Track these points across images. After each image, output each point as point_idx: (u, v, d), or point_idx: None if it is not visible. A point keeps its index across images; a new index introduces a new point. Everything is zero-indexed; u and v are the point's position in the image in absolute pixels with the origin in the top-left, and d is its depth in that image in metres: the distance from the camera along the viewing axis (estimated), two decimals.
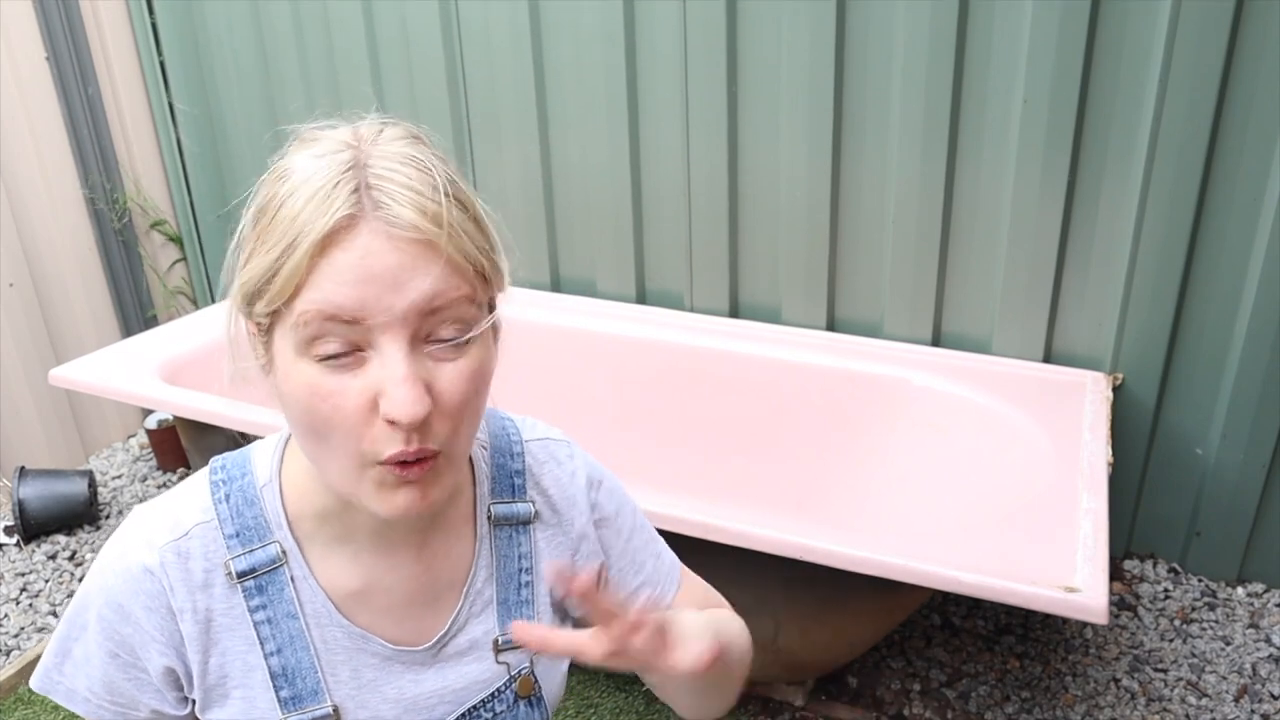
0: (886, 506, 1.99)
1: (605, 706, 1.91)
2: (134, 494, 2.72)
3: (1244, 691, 1.90)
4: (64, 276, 2.79)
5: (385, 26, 2.58)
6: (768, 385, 2.29)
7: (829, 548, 1.52)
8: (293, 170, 0.67)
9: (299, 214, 0.64)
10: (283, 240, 0.65)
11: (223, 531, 0.77)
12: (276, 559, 0.77)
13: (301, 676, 0.78)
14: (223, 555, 0.77)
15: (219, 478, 0.79)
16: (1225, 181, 1.92)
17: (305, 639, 0.78)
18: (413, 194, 0.65)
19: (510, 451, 0.87)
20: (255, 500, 0.78)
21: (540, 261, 2.66)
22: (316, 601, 0.78)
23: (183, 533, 0.77)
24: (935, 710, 1.89)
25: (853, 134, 2.18)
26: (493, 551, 0.85)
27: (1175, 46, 1.85)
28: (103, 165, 2.86)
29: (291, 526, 0.78)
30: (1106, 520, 1.56)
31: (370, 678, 0.81)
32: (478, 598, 0.84)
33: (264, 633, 0.77)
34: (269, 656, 0.78)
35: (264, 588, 0.77)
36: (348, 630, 0.79)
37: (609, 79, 2.35)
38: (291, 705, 0.78)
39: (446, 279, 0.66)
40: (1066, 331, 2.16)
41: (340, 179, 0.65)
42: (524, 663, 0.86)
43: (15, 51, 2.60)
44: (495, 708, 0.86)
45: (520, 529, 0.86)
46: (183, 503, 0.79)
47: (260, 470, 0.79)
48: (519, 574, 0.86)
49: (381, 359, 0.65)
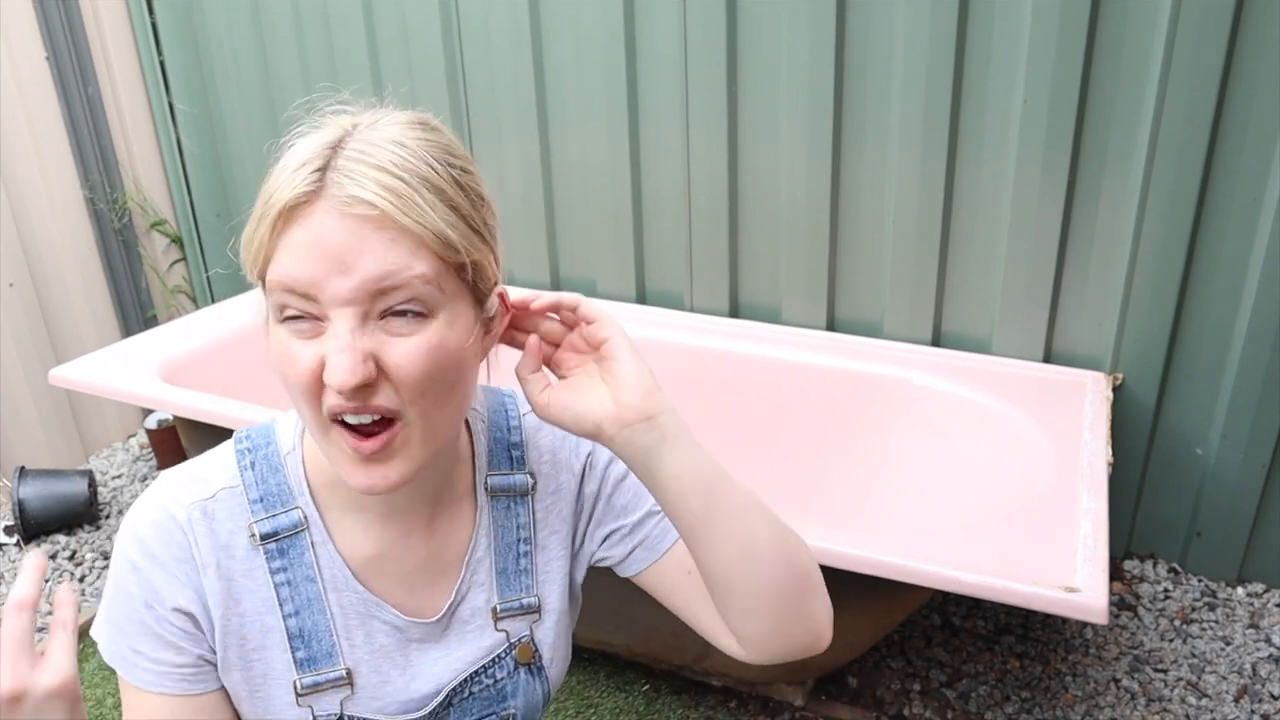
0: (886, 506, 1.99)
1: (605, 706, 1.91)
2: (134, 494, 2.72)
3: (1244, 691, 1.90)
4: (64, 276, 2.79)
5: (385, 26, 2.58)
6: (768, 385, 2.29)
7: (829, 548, 1.52)
8: (289, 147, 0.72)
9: (273, 188, 0.69)
10: (259, 208, 0.70)
11: (248, 496, 0.80)
12: (299, 524, 0.80)
13: (318, 639, 0.81)
14: (246, 519, 0.79)
15: (244, 446, 0.82)
16: (1225, 181, 1.92)
17: (323, 602, 0.81)
18: (377, 172, 0.67)
19: (508, 425, 0.90)
20: (279, 467, 0.81)
21: (540, 261, 2.66)
22: (335, 567, 0.81)
23: (210, 494, 0.79)
24: (935, 710, 1.89)
25: (853, 134, 2.18)
26: (491, 522, 0.87)
27: (1175, 46, 1.85)
28: (103, 165, 2.86)
29: (313, 493, 0.81)
30: (1106, 520, 1.56)
31: (382, 643, 0.83)
32: (478, 567, 0.87)
33: (283, 594, 0.80)
34: (287, 618, 0.80)
35: (285, 551, 0.80)
36: (363, 596, 0.82)
37: (609, 79, 2.35)
38: (307, 666, 0.80)
39: (400, 256, 0.68)
40: (1066, 331, 2.16)
41: (311, 158, 0.69)
42: (523, 631, 0.89)
43: (15, 51, 2.60)
44: (495, 674, 0.88)
45: (518, 500, 0.88)
46: (210, 468, 0.82)
47: (284, 439, 0.82)
48: (518, 543, 0.88)
49: (331, 330, 0.68)
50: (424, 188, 0.68)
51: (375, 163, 0.68)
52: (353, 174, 0.67)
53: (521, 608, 0.88)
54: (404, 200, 0.67)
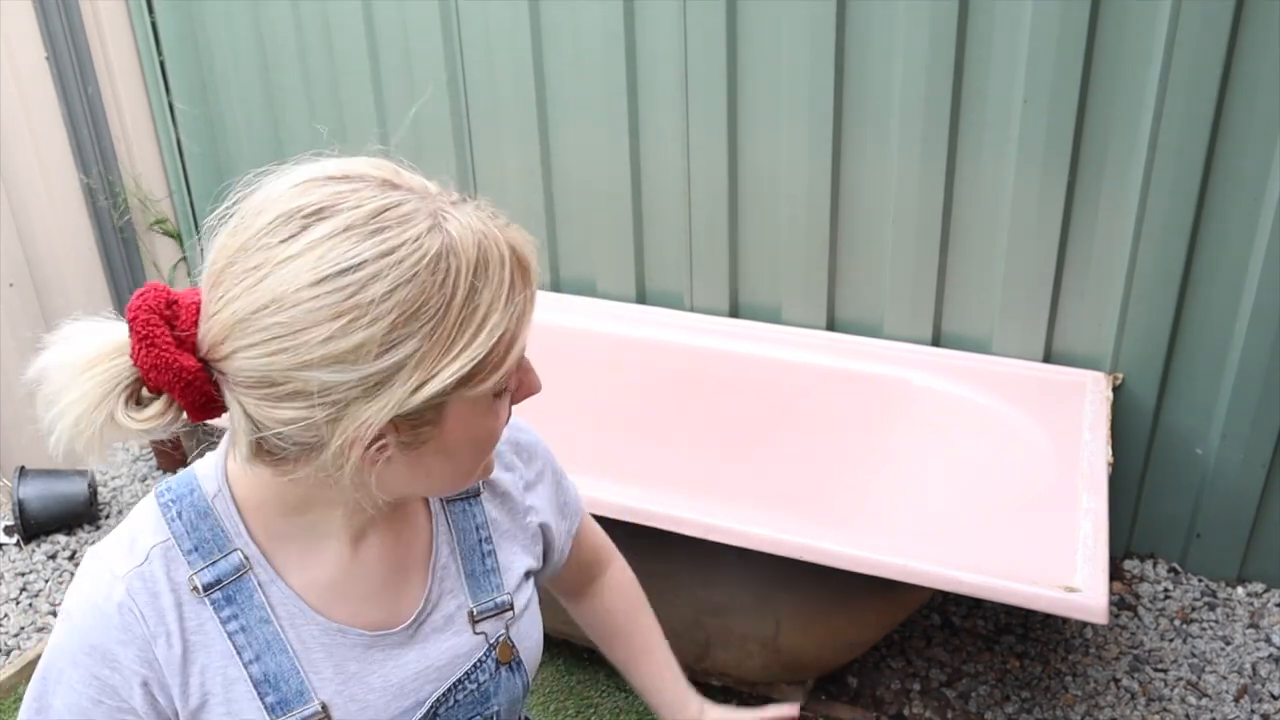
0: (886, 506, 1.99)
1: (605, 706, 1.91)
2: (134, 494, 2.72)
3: (1244, 691, 1.90)
4: (64, 276, 2.79)
5: (385, 26, 2.57)
6: (768, 385, 2.29)
7: (829, 548, 1.52)
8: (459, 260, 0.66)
9: (492, 298, 0.67)
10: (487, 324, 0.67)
11: (181, 548, 0.76)
12: (240, 566, 0.76)
13: (284, 680, 0.77)
14: (185, 571, 0.76)
15: (167, 499, 0.78)
16: (1225, 181, 1.92)
17: (282, 641, 0.78)
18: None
19: None
20: (207, 512, 0.77)
21: (540, 261, 2.65)
22: (288, 603, 0.78)
23: (143, 558, 0.75)
24: (935, 710, 1.89)
25: (853, 134, 2.18)
26: (450, 527, 0.88)
27: (1175, 46, 1.85)
28: (102, 165, 2.85)
29: (251, 533, 0.77)
30: (1106, 520, 1.56)
31: (354, 670, 0.81)
32: (444, 573, 0.86)
33: (239, 641, 0.76)
34: (248, 665, 0.77)
35: (232, 597, 0.76)
36: (324, 626, 0.79)
37: (609, 79, 2.35)
38: (279, 710, 0.77)
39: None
40: (1066, 331, 2.16)
41: (504, 259, 0.69)
42: (500, 630, 0.89)
43: (15, 51, 2.59)
44: (478, 678, 0.87)
45: (472, 501, 0.90)
46: (137, 528, 0.78)
47: (207, 484, 0.78)
48: (479, 544, 0.89)
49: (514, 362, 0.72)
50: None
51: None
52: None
53: (496, 607, 0.89)
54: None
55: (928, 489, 1.94)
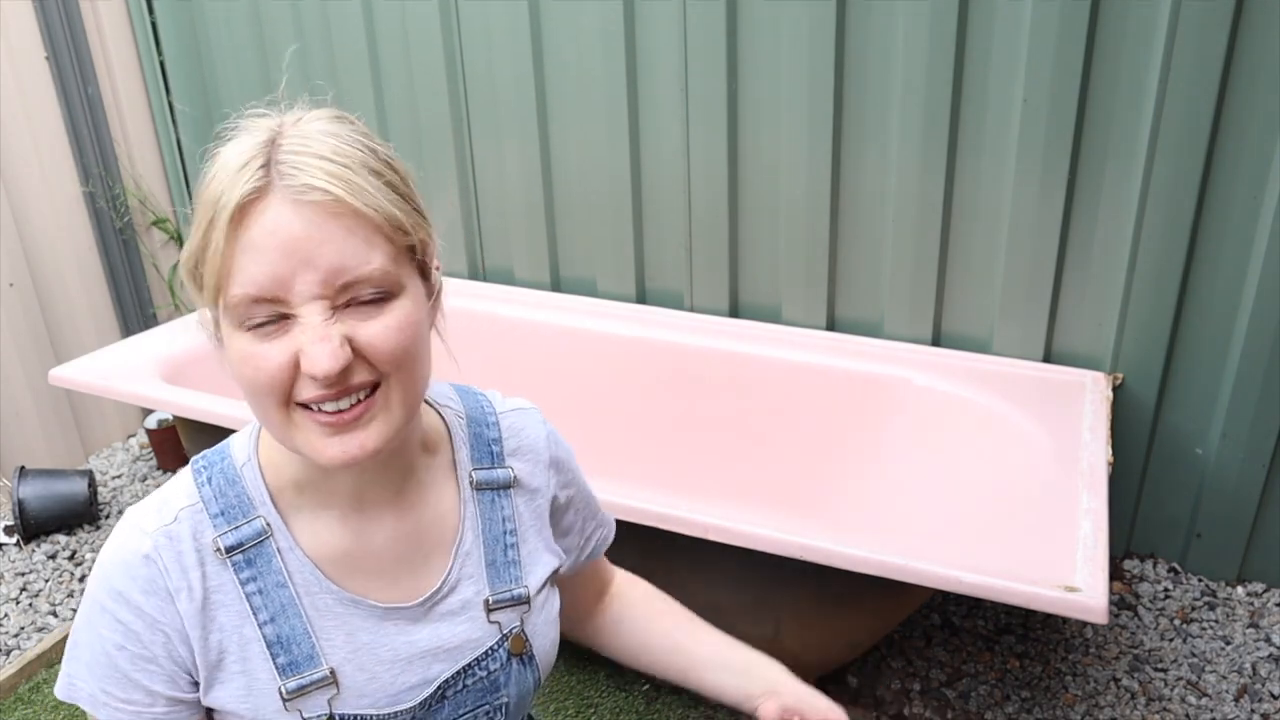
0: (886, 506, 1.99)
1: (605, 706, 1.91)
2: (134, 494, 2.72)
3: (1244, 691, 1.90)
4: (64, 276, 2.79)
5: (385, 26, 2.58)
6: (768, 385, 2.29)
7: (829, 548, 1.52)
8: (219, 154, 0.73)
9: (218, 192, 0.70)
10: (205, 218, 0.71)
11: (208, 511, 0.81)
12: (262, 532, 0.81)
13: (296, 642, 0.81)
14: (210, 534, 0.80)
15: (199, 465, 0.84)
16: (1225, 181, 1.92)
17: (297, 606, 0.81)
18: (320, 161, 0.70)
19: (486, 422, 0.93)
20: (236, 480, 0.82)
21: (540, 261, 2.66)
22: (304, 571, 0.82)
23: (171, 518, 0.80)
24: (935, 710, 1.89)
25: (853, 134, 2.18)
26: (478, 515, 0.90)
27: (1175, 46, 1.85)
28: (102, 165, 2.86)
29: (274, 501, 0.82)
30: (1106, 520, 1.56)
31: (365, 640, 0.84)
32: (466, 559, 0.89)
33: (256, 603, 0.80)
34: (263, 626, 0.80)
35: (253, 560, 0.81)
36: (338, 595, 0.83)
37: (609, 78, 2.35)
38: (289, 671, 0.81)
39: (358, 248, 0.70)
40: (1066, 331, 2.16)
41: (252, 157, 0.70)
42: (515, 622, 0.91)
43: (15, 51, 2.60)
44: (489, 666, 0.89)
45: (501, 493, 0.92)
46: (169, 493, 0.83)
47: (238, 453, 0.84)
48: (504, 535, 0.91)
49: (302, 324, 0.71)
50: (367, 172, 0.72)
51: (317, 152, 0.70)
52: (298, 165, 0.70)
53: (513, 599, 0.90)
54: (353, 185, 0.70)
55: (928, 489, 1.94)
